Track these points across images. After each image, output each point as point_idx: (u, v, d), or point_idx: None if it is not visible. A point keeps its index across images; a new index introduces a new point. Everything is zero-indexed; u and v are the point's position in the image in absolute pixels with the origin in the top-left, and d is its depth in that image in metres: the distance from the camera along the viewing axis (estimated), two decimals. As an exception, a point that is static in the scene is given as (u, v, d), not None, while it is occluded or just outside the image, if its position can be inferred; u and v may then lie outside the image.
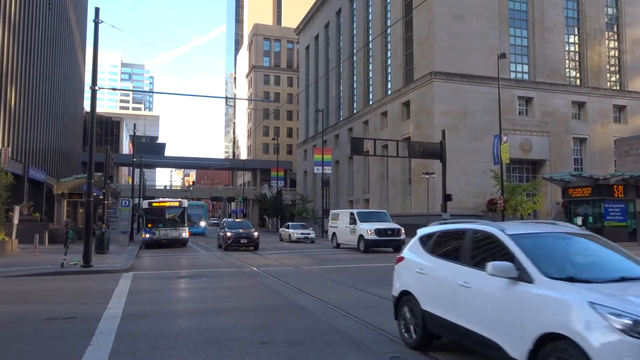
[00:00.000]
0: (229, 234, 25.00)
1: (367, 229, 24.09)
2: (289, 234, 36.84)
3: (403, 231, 24.59)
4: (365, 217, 25.78)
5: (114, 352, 6.42)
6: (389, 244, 24.41)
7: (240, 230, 25.34)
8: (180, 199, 32.36)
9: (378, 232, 23.94)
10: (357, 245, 24.77)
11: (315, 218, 58.47)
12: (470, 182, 43.39)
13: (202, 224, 47.62)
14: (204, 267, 18.16)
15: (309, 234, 36.81)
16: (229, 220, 29.50)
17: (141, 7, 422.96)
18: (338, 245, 28.05)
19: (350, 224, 25.87)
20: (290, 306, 9.87)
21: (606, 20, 52.21)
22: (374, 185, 55.91)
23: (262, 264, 18.59)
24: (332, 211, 31.69)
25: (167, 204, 30.96)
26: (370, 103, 58.53)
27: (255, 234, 25.41)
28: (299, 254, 23.90)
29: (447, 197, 29.48)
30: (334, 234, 28.94)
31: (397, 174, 50.58)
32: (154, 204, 30.72)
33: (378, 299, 10.48)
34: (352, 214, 26.65)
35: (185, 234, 29.52)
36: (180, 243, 29.50)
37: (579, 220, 28.81)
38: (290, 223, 41.47)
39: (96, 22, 17.80)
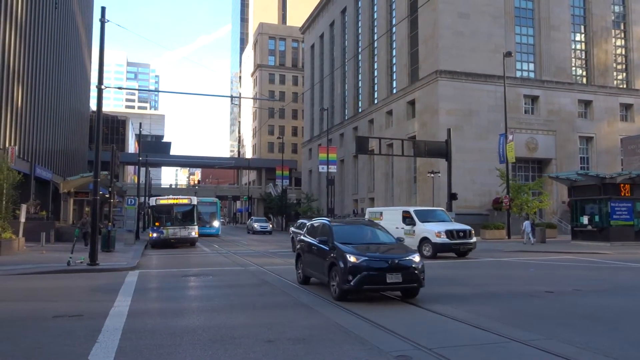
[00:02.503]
0: (352, 259, 10.04)
1: (435, 231, 20.14)
2: None
3: (474, 233, 21.06)
4: (424, 216, 21.90)
5: (120, 349, 6.45)
6: (460, 248, 20.33)
7: (382, 253, 10.67)
8: (190, 197, 31.63)
9: (450, 234, 20.01)
10: (417, 250, 19.39)
11: (320, 217, 58.49)
12: (476, 181, 43.28)
13: (216, 223, 42.73)
14: (210, 265, 18.20)
15: None
16: (333, 223, 12.32)
17: (147, 6, 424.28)
18: None
19: (407, 224, 21.70)
20: (295, 304, 9.87)
21: (613, 18, 51.91)
22: (379, 184, 55.85)
23: (267, 263, 18.60)
24: (369, 209, 26.55)
25: (176, 202, 29.97)
26: (376, 102, 58.46)
27: (415, 258, 10.38)
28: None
29: (452, 196, 29.39)
30: None
31: (402, 173, 50.51)
32: (162, 202, 29.65)
33: (385, 298, 10.47)
34: (406, 212, 22.35)
35: (194, 233, 28.63)
36: (189, 243, 28.81)
37: (585, 220, 28.63)
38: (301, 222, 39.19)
39: (102, 22, 17.85)
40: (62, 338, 7.15)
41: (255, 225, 49.20)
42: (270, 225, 51.57)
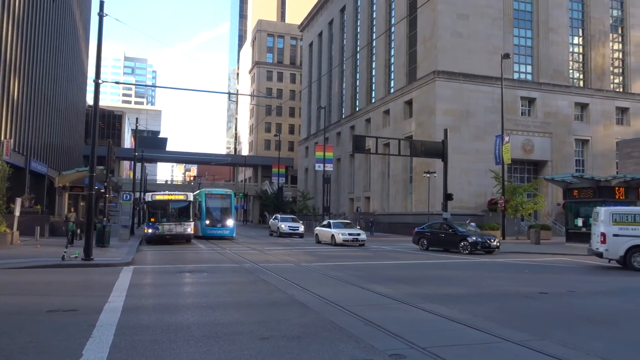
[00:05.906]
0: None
1: None
2: (332, 235, 28.35)
3: None
4: None
5: (114, 345, 6.44)
6: None
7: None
8: (186, 192, 30.96)
9: None
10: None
11: (315, 215, 58.55)
12: (472, 181, 43.39)
13: (229, 222, 33.30)
14: (205, 262, 18.19)
15: (358, 234, 28.38)
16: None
17: (146, 1, 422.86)
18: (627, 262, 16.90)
19: None
20: (290, 302, 9.88)
21: (611, 22, 52.08)
22: (375, 183, 55.92)
23: (262, 260, 18.61)
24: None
25: (172, 197, 29.63)
26: (373, 101, 58.48)
27: None
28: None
29: (448, 197, 29.47)
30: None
31: (399, 173, 50.57)
32: (157, 197, 29.43)
33: (384, 298, 10.50)
34: None
35: (190, 229, 28.40)
36: (184, 239, 28.57)
37: (580, 222, 28.78)
38: (331, 221, 31.49)
39: (100, 16, 17.77)
40: (57, 333, 7.14)
41: (283, 226, 38.72)
42: (302, 227, 40.22)
